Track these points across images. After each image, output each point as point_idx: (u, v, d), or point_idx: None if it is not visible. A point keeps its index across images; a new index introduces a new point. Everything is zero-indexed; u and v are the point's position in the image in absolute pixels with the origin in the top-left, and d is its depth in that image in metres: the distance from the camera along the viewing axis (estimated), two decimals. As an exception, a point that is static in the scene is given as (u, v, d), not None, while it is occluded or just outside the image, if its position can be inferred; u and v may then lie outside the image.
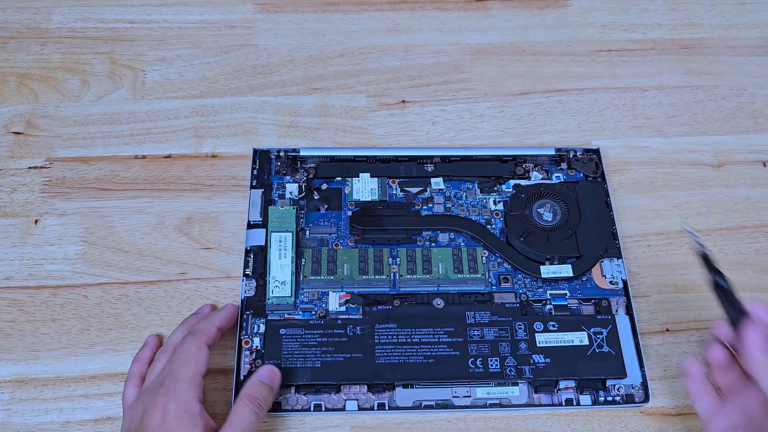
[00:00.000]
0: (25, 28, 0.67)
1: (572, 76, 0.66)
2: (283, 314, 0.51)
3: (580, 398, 0.50)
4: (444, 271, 0.53)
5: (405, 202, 0.57)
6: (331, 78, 0.65)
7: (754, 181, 0.61)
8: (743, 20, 0.70)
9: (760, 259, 0.57)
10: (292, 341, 0.50)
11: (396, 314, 0.51)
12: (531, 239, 0.54)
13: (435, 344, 0.50)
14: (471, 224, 0.55)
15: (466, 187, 0.58)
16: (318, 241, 0.54)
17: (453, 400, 0.49)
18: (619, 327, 0.51)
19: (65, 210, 0.57)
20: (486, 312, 0.51)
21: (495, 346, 0.50)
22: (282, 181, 0.57)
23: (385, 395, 0.49)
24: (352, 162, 0.58)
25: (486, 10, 0.70)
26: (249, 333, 0.51)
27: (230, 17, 0.68)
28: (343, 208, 0.56)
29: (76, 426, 0.48)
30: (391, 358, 0.49)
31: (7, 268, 0.54)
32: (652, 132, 0.63)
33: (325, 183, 0.57)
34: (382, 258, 0.54)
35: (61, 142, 0.60)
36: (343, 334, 0.50)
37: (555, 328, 0.51)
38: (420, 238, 0.55)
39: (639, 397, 0.50)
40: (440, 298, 0.52)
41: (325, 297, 0.52)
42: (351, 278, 0.53)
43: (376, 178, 0.57)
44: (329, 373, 0.48)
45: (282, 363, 0.49)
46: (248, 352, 0.50)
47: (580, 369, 0.49)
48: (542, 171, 0.59)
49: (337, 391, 0.49)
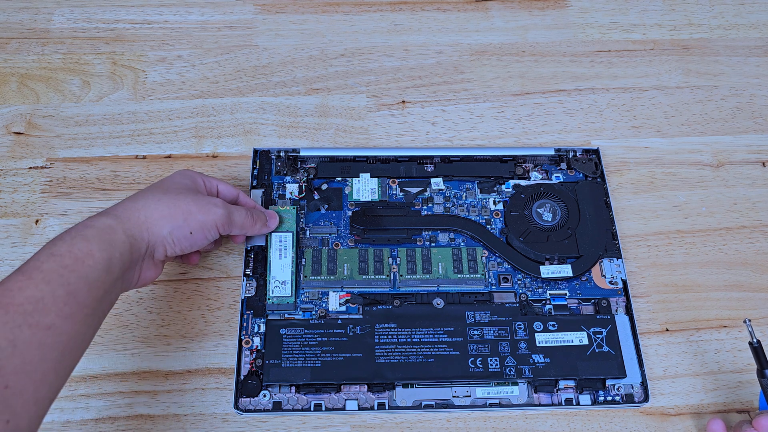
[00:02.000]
0: (26, 28, 0.67)
1: (572, 77, 0.66)
2: (284, 314, 0.51)
3: (579, 398, 0.50)
4: (444, 271, 0.53)
5: (405, 202, 0.57)
6: (332, 78, 0.65)
7: (753, 182, 0.61)
8: (742, 21, 0.70)
9: (759, 259, 0.57)
10: (292, 341, 0.50)
11: (396, 314, 0.51)
12: (531, 239, 0.55)
13: (435, 344, 0.50)
14: (471, 224, 0.56)
15: (465, 188, 0.58)
16: (318, 241, 0.55)
17: (453, 399, 0.49)
18: (619, 327, 0.52)
19: (66, 210, 0.57)
20: (486, 312, 0.52)
21: (495, 345, 0.50)
22: (282, 181, 0.57)
23: (385, 395, 0.49)
24: (353, 162, 0.58)
25: (486, 10, 0.70)
26: (249, 333, 0.51)
27: (231, 18, 0.68)
28: (343, 208, 0.56)
29: (76, 426, 0.49)
30: (391, 358, 0.49)
31: (8, 268, 0.54)
32: (651, 132, 0.63)
33: (325, 183, 0.57)
34: (382, 258, 0.54)
35: (62, 143, 0.60)
36: (344, 334, 0.50)
37: (555, 328, 0.51)
38: (420, 238, 0.55)
39: (638, 397, 0.50)
40: (440, 298, 0.52)
41: (326, 297, 0.52)
42: (351, 278, 0.53)
43: (376, 178, 0.58)
44: (329, 373, 0.49)
45: (282, 363, 0.49)
46: (248, 352, 0.50)
47: (579, 369, 0.50)
48: (542, 171, 0.59)
49: (338, 391, 0.49)
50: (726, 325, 0.54)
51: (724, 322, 0.54)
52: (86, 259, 0.39)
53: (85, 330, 0.39)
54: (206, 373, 0.51)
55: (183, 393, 0.50)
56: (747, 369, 0.52)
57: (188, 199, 0.46)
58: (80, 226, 0.41)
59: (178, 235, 0.45)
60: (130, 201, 0.45)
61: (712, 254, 0.57)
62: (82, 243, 0.39)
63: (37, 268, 0.38)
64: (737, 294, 0.55)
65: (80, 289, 0.38)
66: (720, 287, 0.56)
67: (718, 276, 0.56)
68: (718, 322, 0.54)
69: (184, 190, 0.47)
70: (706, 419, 0.49)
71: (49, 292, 0.37)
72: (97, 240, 0.40)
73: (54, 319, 0.36)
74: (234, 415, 0.49)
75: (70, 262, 0.38)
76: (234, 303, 0.53)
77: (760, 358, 0.46)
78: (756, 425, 0.45)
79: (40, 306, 0.36)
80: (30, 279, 0.37)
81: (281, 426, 0.49)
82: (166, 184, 0.47)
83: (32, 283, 0.37)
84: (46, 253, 0.39)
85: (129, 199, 0.45)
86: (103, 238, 0.41)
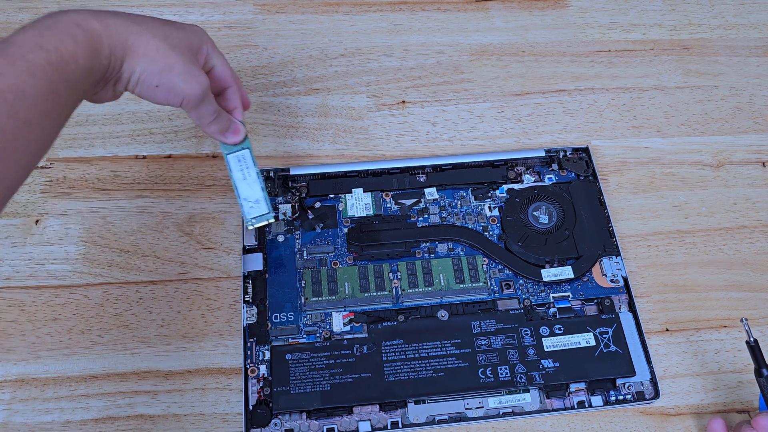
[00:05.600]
0: (26, 28, 0.67)
1: (571, 77, 0.66)
2: (288, 339, 0.51)
3: (591, 400, 0.50)
4: (445, 282, 0.53)
5: (400, 215, 0.56)
6: (332, 78, 0.65)
7: (753, 182, 0.61)
8: (742, 21, 0.70)
9: (759, 259, 0.57)
10: (299, 366, 0.49)
11: (401, 330, 0.51)
12: (529, 243, 0.55)
13: (443, 357, 0.50)
14: (468, 233, 0.55)
15: (460, 195, 0.58)
16: (317, 261, 0.54)
17: (466, 412, 0.49)
18: (624, 325, 0.52)
19: (66, 210, 0.57)
20: (491, 320, 0.51)
21: (503, 354, 0.50)
22: (275, 202, 0.56)
23: (397, 413, 0.49)
24: (344, 178, 0.58)
25: (485, 11, 0.70)
26: (254, 361, 0.50)
27: (231, 18, 0.68)
28: (338, 226, 0.56)
29: (76, 426, 0.48)
30: (400, 375, 0.49)
31: (7, 268, 0.54)
32: (651, 132, 0.63)
33: (318, 201, 0.57)
34: (382, 273, 0.53)
35: (62, 143, 0.60)
36: (350, 354, 0.49)
37: (561, 331, 0.51)
38: (419, 250, 0.55)
39: (649, 394, 0.50)
40: (444, 310, 0.52)
41: (329, 318, 0.51)
42: (353, 296, 0.52)
43: (370, 193, 0.57)
44: (340, 396, 0.48)
45: (291, 389, 0.48)
46: (255, 381, 0.49)
47: (589, 370, 0.49)
48: (534, 173, 0.59)
49: (349, 413, 0.48)
50: (726, 325, 0.54)
51: (724, 322, 0.54)
52: (71, 63, 0.37)
53: (55, 132, 0.38)
54: (206, 373, 0.51)
55: (183, 393, 0.50)
56: (747, 369, 0.52)
57: (179, 58, 0.43)
58: (68, 20, 0.38)
59: (145, 80, 0.42)
60: (128, 19, 0.42)
61: (712, 254, 0.57)
62: (71, 44, 0.37)
63: (23, 56, 0.36)
64: (737, 294, 0.55)
65: (60, 90, 0.37)
66: (720, 287, 0.56)
67: (718, 276, 0.56)
68: (718, 322, 0.54)
69: (182, 46, 0.44)
70: (707, 419, 0.49)
71: (31, 85, 0.35)
72: (85, 45, 0.38)
73: (33, 115, 0.35)
74: (234, 415, 0.49)
75: (56, 59, 0.36)
76: (234, 303, 0.53)
77: (758, 357, 0.46)
78: (755, 425, 0.45)
79: (21, 98, 0.34)
80: (14, 66, 0.35)
81: None
82: (171, 31, 0.44)
83: (15, 71, 0.35)
84: (32, 43, 0.36)
85: (127, 16, 0.42)
86: (91, 46, 0.38)
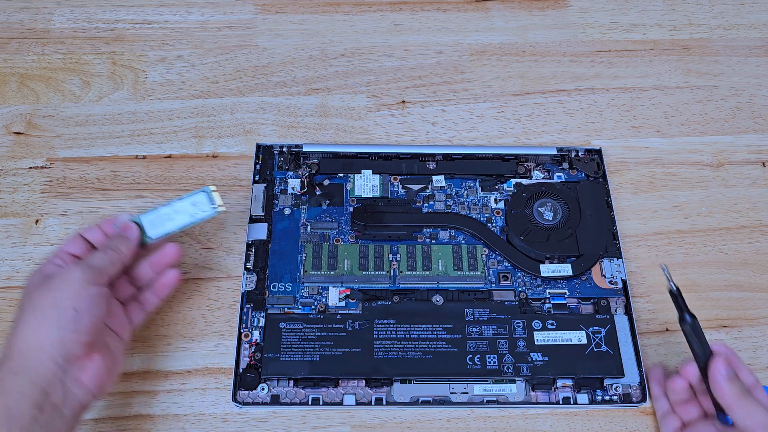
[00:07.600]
0: (26, 28, 0.67)
1: (572, 77, 0.66)
2: (283, 308, 0.51)
3: (577, 397, 0.50)
4: (444, 268, 0.54)
5: (406, 199, 0.57)
6: (332, 78, 0.65)
7: (753, 182, 0.61)
8: (742, 21, 0.70)
9: (759, 259, 0.57)
10: (291, 335, 0.50)
11: (395, 310, 0.51)
12: (531, 238, 0.55)
13: (433, 340, 0.50)
14: (471, 222, 0.56)
15: (467, 185, 0.58)
16: (319, 236, 0.55)
17: (450, 396, 0.49)
18: (618, 327, 0.52)
19: (66, 210, 0.57)
20: (485, 309, 0.52)
21: (493, 343, 0.50)
22: (284, 176, 0.57)
23: (383, 390, 0.49)
24: (355, 158, 0.58)
25: (486, 10, 0.70)
26: (249, 326, 0.51)
27: (231, 18, 0.68)
28: (344, 204, 0.56)
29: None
30: (389, 354, 0.49)
31: (8, 267, 0.54)
32: (651, 132, 0.63)
33: (327, 179, 0.58)
34: (382, 254, 0.54)
35: (62, 143, 0.60)
36: (343, 329, 0.50)
37: (553, 327, 0.51)
38: (420, 235, 0.55)
39: (636, 397, 0.50)
40: (439, 295, 0.52)
41: (325, 292, 0.52)
42: (351, 273, 0.53)
43: (378, 175, 0.58)
44: (328, 367, 0.49)
45: (281, 356, 0.49)
46: (248, 345, 0.50)
47: (577, 368, 0.50)
48: (543, 170, 0.59)
49: (336, 386, 0.49)
50: (726, 325, 0.54)
51: (724, 322, 0.54)
52: None
53: None
54: (206, 373, 0.51)
55: (183, 393, 0.50)
56: (747, 369, 0.52)
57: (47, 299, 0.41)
58: None
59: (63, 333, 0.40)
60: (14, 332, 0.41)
61: (712, 254, 0.57)
62: None
63: None
64: (737, 294, 0.55)
65: None
66: (720, 287, 0.56)
67: (718, 276, 0.56)
68: (718, 322, 0.54)
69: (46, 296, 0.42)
70: (706, 419, 0.49)
71: None
72: None
73: None
74: (234, 414, 0.49)
75: None
76: (234, 303, 0.53)
77: (680, 304, 0.46)
78: (682, 372, 0.47)
79: None
80: None
81: (281, 425, 0.49)
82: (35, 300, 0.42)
83: None
84: None
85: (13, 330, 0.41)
86: None
